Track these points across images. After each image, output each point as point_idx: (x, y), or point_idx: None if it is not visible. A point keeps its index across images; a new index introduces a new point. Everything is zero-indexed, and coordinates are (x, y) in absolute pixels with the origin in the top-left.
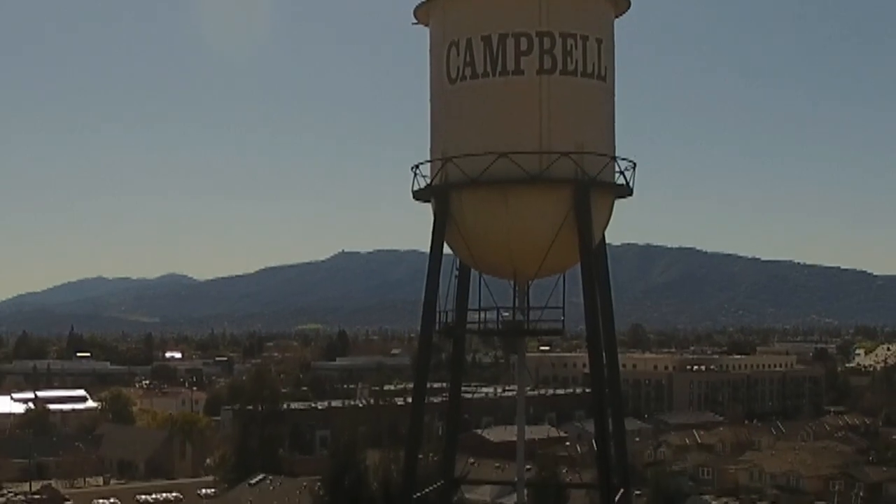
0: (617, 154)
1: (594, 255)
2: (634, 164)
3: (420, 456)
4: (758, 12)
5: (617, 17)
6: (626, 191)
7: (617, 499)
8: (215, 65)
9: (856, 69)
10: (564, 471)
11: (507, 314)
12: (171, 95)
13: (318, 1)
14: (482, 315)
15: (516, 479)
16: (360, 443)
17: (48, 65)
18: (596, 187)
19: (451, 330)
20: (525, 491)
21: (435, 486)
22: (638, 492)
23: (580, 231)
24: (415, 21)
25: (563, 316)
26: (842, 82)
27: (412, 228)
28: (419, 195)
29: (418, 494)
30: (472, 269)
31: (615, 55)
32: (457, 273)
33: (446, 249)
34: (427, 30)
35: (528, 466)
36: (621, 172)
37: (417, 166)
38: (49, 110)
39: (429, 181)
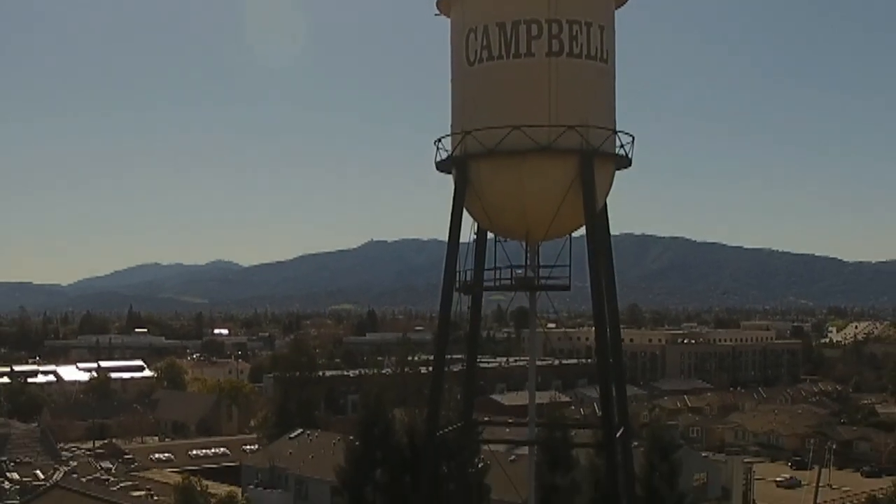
0: (617, 129)
1: (597, 219)
2: (633, 138)
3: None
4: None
5: (617, 7)
6: (625, 161)
7: (618, 434)
8: (258, 68)
9: (838, 64)
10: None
11: (519, 272)
12: (217, 95)
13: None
14: (497, 273)
15: (529, 409)
16: (387, 402)
17: (117, 63)
18: (599, 157)
19: (469, 287)
20: (536, 439)
21: (455, 426)
22: (635, 443)
23: (585, 196)
24: (437, 12)
25: (570, 274)
26: (822, 77)
27: (434, 220)
28: (441, 166)
29: (440, 432)
30: (489, 232)
31: (615, 41)
32: (475, 236)
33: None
34: (448, 20)
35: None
36: (622, 146)
37: (440, 140)
38: (113, 115)
39: (450, 153)
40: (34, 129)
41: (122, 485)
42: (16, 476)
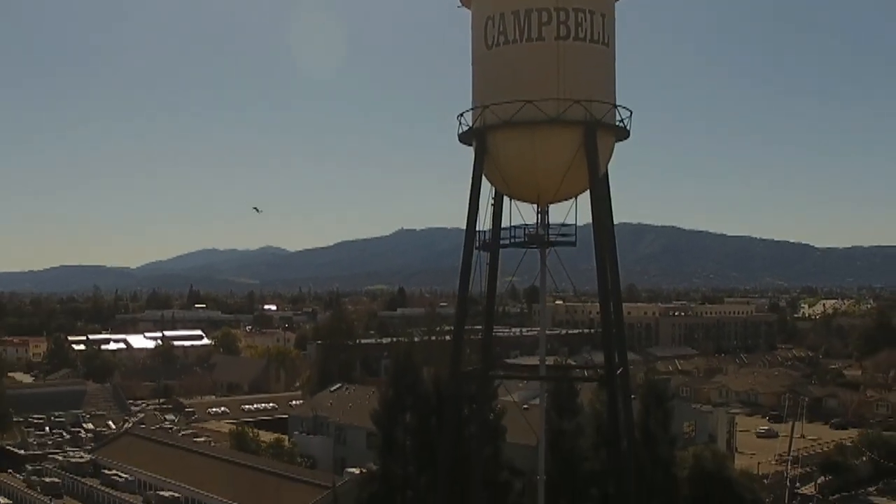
0: (617, 104)
1: (599, 184)
2: (631, 112)
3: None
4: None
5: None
6: (624, 133)
7: (618, 372)
8: (302, 74)
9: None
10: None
11: (532, 230)
12: (269, 101)
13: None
14: (512, 231)
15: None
16: (415, 361)
17: (178, 71)
18: (601, 128)
19: (488, 245)
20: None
21: (475, 367)
22: (633, 396)
23: (589, 162)
24: (459, 5)
25: (576, 233)
26: (802, 71)
27: (457, 211)
28: (463, 138)
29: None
30: (505, 196)
31: (615, 29)
32: (492, 200)
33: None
34: (468, 12)
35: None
36: (622, 120)
37: (462, 114)
38: (179, 118)
39: (470, 125)
40: (114, 130)
41: (183, 433)
42: (91, 426)
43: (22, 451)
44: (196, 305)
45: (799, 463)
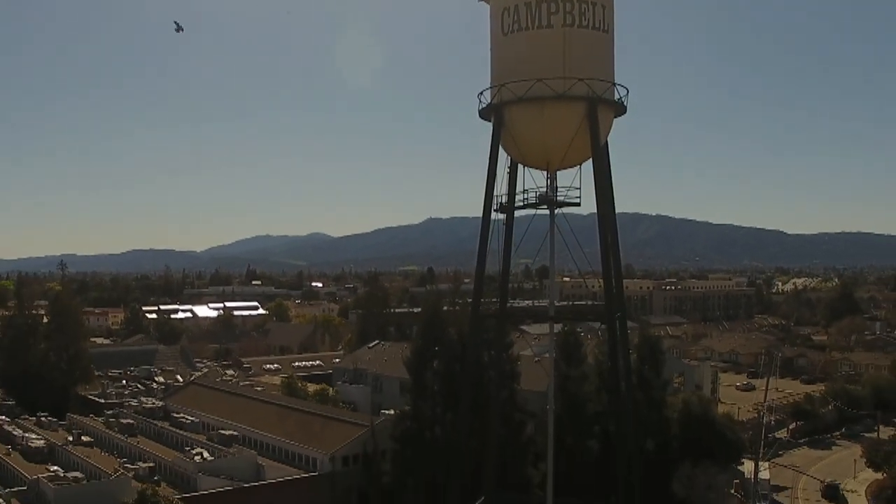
0: (616, 83)
1: (600, 153)
2: (627, 90)
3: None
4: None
5: None
6: (622, 109)
7: (617, 316)
8: (346, 83)
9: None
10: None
11: (542, 193)
12: (319, 105)
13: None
14: (525, 194)
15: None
16: (442, 317)
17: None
18: (601, 103)
19: (505, 208)
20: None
21: (494, 309)
22: (631, 351)
23: (591, 133)
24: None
25: (580, 196)
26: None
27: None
28: (483, 113)
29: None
30: (518, 164)
31: (615, 18)
32: (508, 169)
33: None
34: (487, 7)
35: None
36: (620, 97)
37: (482, 92)
38: (246, 118)
39: (489, 102)
40: (185, 133)
41: (242, 384)
42: (161, 379)
43: (102, 400)
44: (253, 282)
45: (773, 411)
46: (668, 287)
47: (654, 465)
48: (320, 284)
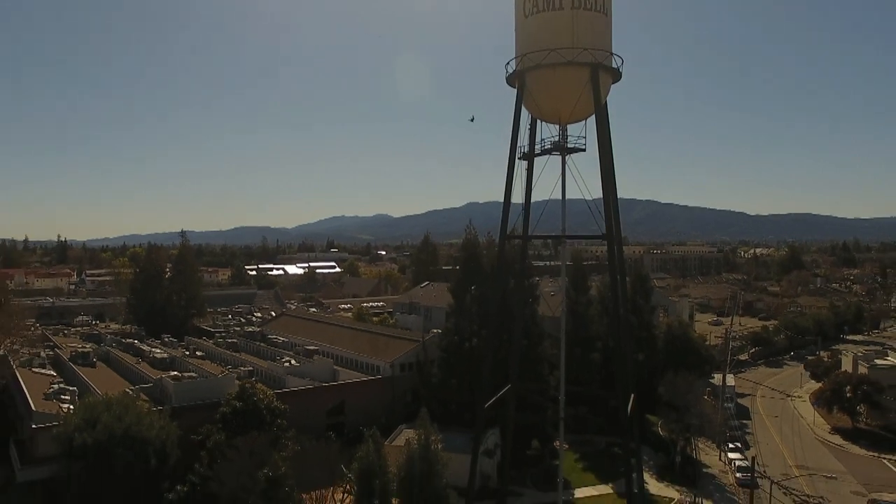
0: (613, 52)
1: (601, 110)
2: (622, 60)
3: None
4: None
5: None
6: (618, 75)
7: (615, 246)
8: (401, 89)
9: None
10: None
11: (556, 141)
12: (383, 107)
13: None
14: (542, 143)
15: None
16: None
17: (325, 90)
18: (602, 69)
19: (526, 155)
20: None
21: (517, 265)
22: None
23: (594, 93)
24: None
25: (585, 144)
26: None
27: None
28: (509, 79)
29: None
30: (537, 119)
31: (612, 3)
32: (528, 125)
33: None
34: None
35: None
36: (617, 66)
37: (508, 62)
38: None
39: (514, 69)
40: (279, 132)
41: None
42: (259, 314)
43: (212, 329)
44: (331, 250)
45: (737, 339)
46: (655, 251)
47: (645, 373)
48: (384, 252)
